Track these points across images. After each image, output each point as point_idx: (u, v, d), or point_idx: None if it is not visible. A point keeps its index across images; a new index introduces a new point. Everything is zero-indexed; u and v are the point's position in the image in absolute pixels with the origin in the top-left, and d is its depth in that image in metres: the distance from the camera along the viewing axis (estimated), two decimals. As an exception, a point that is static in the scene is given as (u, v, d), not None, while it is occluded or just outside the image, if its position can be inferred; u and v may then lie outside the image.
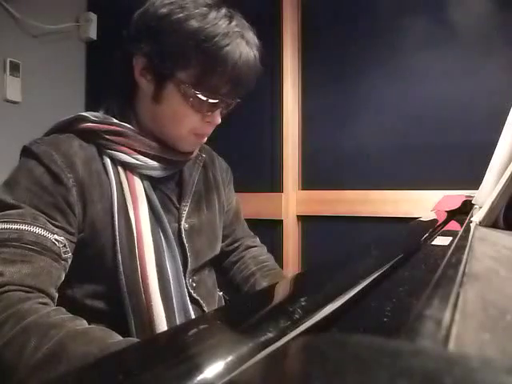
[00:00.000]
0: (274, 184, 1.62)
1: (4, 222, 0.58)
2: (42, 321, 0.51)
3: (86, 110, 0.74)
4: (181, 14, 0.64)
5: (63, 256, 0.62)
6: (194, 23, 0.64)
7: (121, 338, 0.53)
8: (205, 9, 0.65)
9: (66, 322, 0.53)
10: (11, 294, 0.54)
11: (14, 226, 0.58)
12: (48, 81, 1.88)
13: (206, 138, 0.76)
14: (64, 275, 0.63)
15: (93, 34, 2.00)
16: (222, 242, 0.90)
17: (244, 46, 0.67)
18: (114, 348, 0.48)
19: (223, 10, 0.67)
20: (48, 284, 0.58)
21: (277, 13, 1.62)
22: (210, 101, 0.68)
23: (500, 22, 1.32)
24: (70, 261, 0.64)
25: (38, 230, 0.59)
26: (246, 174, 1.63)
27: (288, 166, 1.58)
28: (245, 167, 1.65)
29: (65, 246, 0.62)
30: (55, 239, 0.61)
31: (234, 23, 0.67)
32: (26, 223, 0.59)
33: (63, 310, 0.57)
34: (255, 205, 1.61)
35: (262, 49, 0.72)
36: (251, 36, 0.70)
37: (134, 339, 0.59)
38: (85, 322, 0.55)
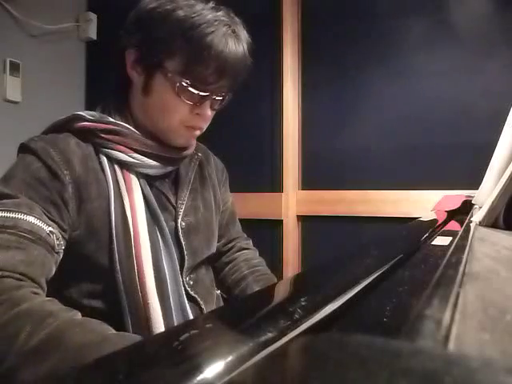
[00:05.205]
0: (274, 184, 1.62)
1: None
2: (37, 308, 0.50)
3: (86, 110, 0.74)
4: (169, 6, 0.67)
5: (56, 249, 0.61)
6: (180, 13, 0.66)
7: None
8: (193, 1, 0.67)
9: (62, 311, 0.52)
10: (4, 280, 0.53)
11: (9, 215, 0.57)
12: (48, 81, 1.87)
13: (198, 133, 0.76)
14: (55, 269, 0.62)
15: (93, 33, 2.00)
16: (217, 241, 0.90)
17: (231, 36, 0.68)
18: (116, 339, 0.48)
19: (210, 3, 0.69)
20: (40, 274, 0.57)
21: (277, 13, 1.62)
22: (198, 92, 0.69)
23: (500, 22, 1.32)
24: (61, 255, 0.63)
25: (33, 220, 0.59)
26: (246, 173, 1.64)
27: (288, 166, 1.58)
28: (245, 167, 1.65)
29: (58, 239, 0.62)
30: (50, 231, 0.60)
31: (220, 13, 0.68)
32: (21, 212, 0.58)
33: (57, 301, 0.55)
34: (255, 205, 1.61)
35: (252, 44, 0.73)
36: (240, 29, 0.71)
37: (136, 335, 0.58)
38: (79, 314, 0.54)
